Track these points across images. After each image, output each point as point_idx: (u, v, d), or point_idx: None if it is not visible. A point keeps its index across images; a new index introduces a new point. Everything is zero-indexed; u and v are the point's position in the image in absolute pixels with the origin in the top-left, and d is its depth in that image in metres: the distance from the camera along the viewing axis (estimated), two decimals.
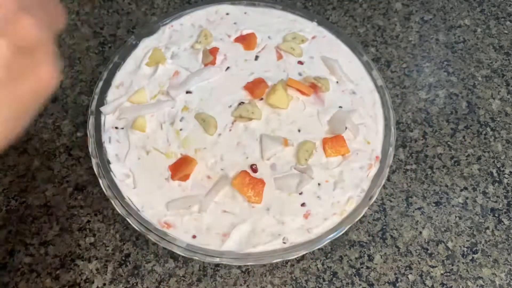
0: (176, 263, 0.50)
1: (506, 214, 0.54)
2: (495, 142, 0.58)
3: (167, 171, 0.48)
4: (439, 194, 0.55)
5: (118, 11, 0.66)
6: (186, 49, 0.55)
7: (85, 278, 0.49)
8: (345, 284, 0.49)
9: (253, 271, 0.50)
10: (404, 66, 0.63)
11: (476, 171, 0.56)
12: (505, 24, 0.67)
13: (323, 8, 0.67)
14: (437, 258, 0.51)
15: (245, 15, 0.58)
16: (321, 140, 0.51)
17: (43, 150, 0.55)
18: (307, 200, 0.47)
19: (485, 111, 0.60)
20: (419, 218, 0.53)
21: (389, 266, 0.51)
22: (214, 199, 0.47)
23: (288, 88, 0.53)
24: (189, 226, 0.46)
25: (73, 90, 0.59)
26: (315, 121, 0.52)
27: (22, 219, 0.52)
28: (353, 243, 0.51)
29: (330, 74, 0.55)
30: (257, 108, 0.51)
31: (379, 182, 0.48)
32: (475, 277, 0.50)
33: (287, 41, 0.56)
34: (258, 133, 0.50)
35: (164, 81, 0.53)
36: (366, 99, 0.53)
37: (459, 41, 0.65)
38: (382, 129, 0.52)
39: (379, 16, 0.67)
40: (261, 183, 0.47)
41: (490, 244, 0.52)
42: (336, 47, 0.57)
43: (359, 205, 0.47)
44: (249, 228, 0.46)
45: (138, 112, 0.51)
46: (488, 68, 0.63)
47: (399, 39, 0.65)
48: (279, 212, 0.47)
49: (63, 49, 0.62)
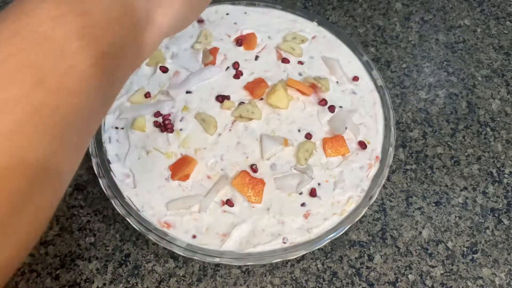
0: (176, 263, 0.50)
1: (506, 214, 0.54)
2: (495, 142, 0.58)
3: (167, 171, 0.48)
4: (439, 194, 0.55)
5: None
6: (186, 49, 0.55)
7: (85, 278, 0.49)
8: (345, 284, 0.49)
9: (253, 271, 0.50)
10: (404, 66, 0.63)
11: (476, 171, 0.56)
12: (505, 24, 0.67)
13: (323, 8, 0.67)
14: (437, 258, 0.51)
15: (245, 15, 0.58)
16: (321, 140, 0.51)
17: None
18: (307, 200, 0.48)
19: (485, 111, 0.60)
20: (419, 218, 0.53)
21: (389, 266, 0.51)
22: (214, 199, 0.47)
23: (288, 88, 0.53)
24: (189, 226, 0.46)
25: None
26: (315, 121, 0.52)
27: None
28: (353, 243, 0.51)
29: (330, 74, 0.55)
30: (257, 108, 0.51)
31: (379, 182, 0.48)
32: (475, 277, 0.50)
33: (287, 41, 0.56)
34: (258, 133, 0.50)
35: (164, 81, 0.53)
36: (366, 99, 0.53)
37: (459, 41, 0.65)
38: (382, 129, 0.52)
39: (379, 16, 0.67)
40: (261, 183, 0.48)
41: (490, 244, 0.52)
42: (336, 47, 0.57)
43: (359, 205, 0.47)
44: (249, 228, 0.46)
45: (138, 112, 0.51)
46: (488, 68, 0.63)
47: (399, 39, 0.65)
48: (279, 212, 0.47)
49: None
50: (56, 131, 0.22)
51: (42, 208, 0.23)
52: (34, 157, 0.21)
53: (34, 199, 0.21)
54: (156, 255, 0.50)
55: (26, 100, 0.20)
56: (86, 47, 0.23)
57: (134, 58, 0.27)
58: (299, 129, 0.51)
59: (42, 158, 0.21)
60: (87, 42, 0.23)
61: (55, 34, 0.22)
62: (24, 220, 0.21)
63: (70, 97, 0.22)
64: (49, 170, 0.22)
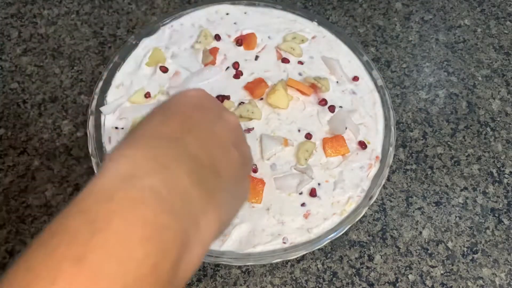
0: None
1: (506, 214, 0.54)
2: (495, 142, 0.58)
3: None
4: (439, 194, 0.55)
5: (118, 11, 0.66)
6: (186, 49, 0.55)
7: None
8: (345, 284, 0.49)
9: (253, 271, 0.50)
10: (404, 66, 0.63)
11: (476, 171, 0.56)
12: (505, 24, 0.67)
13: (323, 8, 0.67)
14: (437, 258, 0.51)
15: (245, 15, 0.58)
16: (321, 140, 0.51)
17: (43, 150, 0.55)
18: (307, 200, 0.47)
19: (485, 111, 0.60)
20: (419, 218, 0.53)
21: (389, 266, 0.51)
22: None
23: (288, 88, 0.53)
24: None
25: (73, 90, 0.59)
26: (315, 121, 0.52)
27: (22, 219, 0.52)
28: (353, 243, 0.51)
29: (330, 74, 0.55)
30: (257, 108, 0.51)
31: (379, 182, 0.48)
32: (475, 277, 0.50)
33: (287, 41, 0.56)
34: (258, 133, 0.50)
35: (164, 81, 0.53)
36: (366, 99, 0.53)
37: (459, 41, 0.65)
38: (382, 129, 0.52)
39: (379, 16, 0.67)
40: (261, 183, 0.47)
41: (490, 244, 0.52)
42: (336, 47, 0.57)
43: (359, 205, 0.47)
44: (249, 228, 0.46)
45: (138, 112, 0.51)
46: (488, 68, 0.63)
47: (399, 39, 0.65)
48: (279, 212, 0.47)
49: (63, 49, 0.62)
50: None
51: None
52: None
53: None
54: None
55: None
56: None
57: (187, 268, 0.26)
58: (299, 129, 0.51)
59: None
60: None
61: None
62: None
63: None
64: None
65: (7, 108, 0.58)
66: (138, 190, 0.23)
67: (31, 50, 0.62)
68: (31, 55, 0.62)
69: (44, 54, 0.62)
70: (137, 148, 0.26)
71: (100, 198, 0.23)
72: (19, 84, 0.60)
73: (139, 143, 0.27)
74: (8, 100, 0.58)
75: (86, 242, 0.21)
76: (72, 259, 0.20)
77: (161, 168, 0.25)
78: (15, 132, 0.56)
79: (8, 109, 0.58)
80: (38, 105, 0.58)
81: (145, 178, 0.24)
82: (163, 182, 0.24)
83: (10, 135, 0.56)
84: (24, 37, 0.63)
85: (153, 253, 0.22)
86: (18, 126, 0.57)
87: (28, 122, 0.57)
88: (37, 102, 0.58)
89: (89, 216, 0.22)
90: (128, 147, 0.27)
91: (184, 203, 0.25)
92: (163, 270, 0.23)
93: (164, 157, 0.26)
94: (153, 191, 0.24)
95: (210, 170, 0.28)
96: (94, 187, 0.24)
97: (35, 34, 0.63)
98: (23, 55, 0.62)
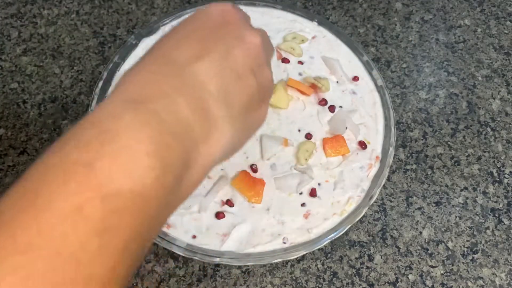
0: (176, 263, 0.50)
1: (506, 214, 0.54)
2: (495, 142, 0.58)
3: None
4: (439, 194, 0.55)
5: (118, 11, 0.66)
6: None
7: None
8: (345, 284, 0.49)
9: (253, 271, 0.50)
10: (404, 66, 0.63)
11: (476, 171, 0.56)
12: (505, 24, 0.67)
13: (323, 8, 0.67)
14: (437, 258, 0.51)
15: None
16: (321, 140, 0.51)
17: (43, 150, 0.55)
18: (307, 200, 0.47)
19: (485, 111, 0.60)
20: (419, 218, 0.53)
21: (389, 266, 0.51)
22: (214, 199, 0.47)
23: (288, 88, 0.53)
24: (189, 226, 0.46)
25: (73, 90, 0.59)
26: (315, 121, 0.52)
27: None
28: (353, 243, 0.51)
29: (330, 74, 0.55)
30: None
31: (379, 182, 0.48)
32: (475, 277, 0.50)
33: (287, 41, 0.56)
34: (258, 133, 0.50)
35: None
36: (366, 99, 0.53)
37: (459, 41, 0.65)
38: (382, 129, 0.52)
39: (379, 16, 0.67)
40: (261, 183, 0.47)
41: (490, 244, 0.52)
42: (336, 47, 0.57)
43: (359, 205, 0.47)
44: (249, 228, 0.46)
45: None
46: (488, 68, 0.63)
47: (399, 39, 0.65)
48: (279, 212, 0.47)
49: (63, 49, 0.62)
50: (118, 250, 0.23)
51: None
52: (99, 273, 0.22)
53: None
54: (156, 255, 0.50)
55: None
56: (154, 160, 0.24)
57: (188, 186, 0.28)
58: (299, 129, 0.51)
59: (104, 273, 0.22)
60: (157, 157, 0.24)
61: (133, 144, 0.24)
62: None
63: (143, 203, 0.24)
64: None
65: (7, 108, 0.58)
66: (144, 113, 0.25)
67: (31, 50, 0.62)
68: (31, 55, 0.62)
69: (44, 54, 0.62)
70: (145, 73, 0.28)
71: (110, 116, 0.25)
72: (19, 84, 0.60)
73: (149, 68, 0.29)
74: (8, 100, 0.58)
75: (96, 150, 0.23)
76: (83, 164, 0.22)
77: (164, 95, 0.26)
78: (15, 132, 0.56)
79: (8, 109, 0.58)
80: (38, 105, 0.58)
81: (149, 103, 0.26)
82: (165, 108, 0.26)
83: (10, 135, 0.56)
84: (24, 37, 0.63)
85: (157, 167, 0.24)
86: (18, 126, 0.57)
87: (28, 122, 0.57)
88: (37, 102, 0.58)
89: (100, 128, 0.24)
90: (138, 72, 0.28)
91: (185, 129, 0.26)
92: (164, 183, 0.24)
93: (167, 85, 0.27)
94: (156, 115, 0.25)
95: (217, 98, 0.29)
96: (104, 106, 0.25)
97: (35, 34, 0.63)
98: (23, 55, 0.62)
